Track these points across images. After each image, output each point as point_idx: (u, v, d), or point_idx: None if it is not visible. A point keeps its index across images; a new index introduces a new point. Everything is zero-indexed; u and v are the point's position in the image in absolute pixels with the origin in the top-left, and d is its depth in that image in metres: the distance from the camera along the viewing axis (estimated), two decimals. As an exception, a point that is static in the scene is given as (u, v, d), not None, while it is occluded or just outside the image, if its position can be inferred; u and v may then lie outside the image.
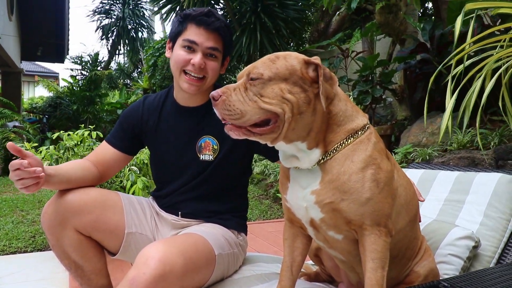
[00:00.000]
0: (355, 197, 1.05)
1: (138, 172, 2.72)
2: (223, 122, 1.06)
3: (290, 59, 1.05)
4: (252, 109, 1.01)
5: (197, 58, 1.43)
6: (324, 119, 1.07)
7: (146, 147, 1.70)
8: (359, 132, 1.09)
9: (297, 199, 1.13)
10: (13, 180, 1.23)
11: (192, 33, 1.45)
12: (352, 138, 1.08)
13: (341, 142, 1.08)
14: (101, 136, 2.98)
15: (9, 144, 1.20)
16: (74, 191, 1.40)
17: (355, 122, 1.10)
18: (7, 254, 2.90)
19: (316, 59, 1.05)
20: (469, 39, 2.33)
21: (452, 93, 2.35)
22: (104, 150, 1.60)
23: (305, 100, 1.03)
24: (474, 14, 2.31)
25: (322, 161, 1.08)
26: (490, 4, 2.31)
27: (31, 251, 2.96)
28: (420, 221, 1.36)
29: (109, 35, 12.09)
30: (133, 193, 2.50)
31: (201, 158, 1.52)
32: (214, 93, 1.04)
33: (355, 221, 1.07)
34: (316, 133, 1.07)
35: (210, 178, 1.53)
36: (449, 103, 2.28)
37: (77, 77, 10.93)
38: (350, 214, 1.06)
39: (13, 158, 1.27)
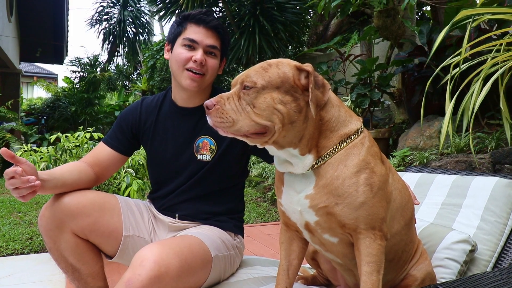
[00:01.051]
0: (349, 201, 1.05)
1: (134, 174, 2.72)
2: (214, 128, 1.07)
3: (282, 67, 1.05)
4: (244, 120, 1.02)
5: (198, 54, 1.46)
6: (317, 125, 1.08)
7: (141, 147, 1.71)
8: (352, 137, 1.10)
9: (292, 203, 1.14)
10: (9, 189, 1.22)
11: (192, 31, 1.48)
12: (345, 143, 1.09)
13: (334, 147, 1.08)
14: (102, 137, 2.99)
15: (2, 150, 1.19)
16: (71, 194, 1.40)
17: (348, 127, 1.10)
18: (3, 255, 2.89)
19: (307, 66, 1.05)
20: (464, 44, 2.34)
21: (451, 97, 2.36)
22: (101, 151, 1.60)
23: (296, 109, 1.03)
24: (470, 20, 2.32)
25: (315, 166, 1.08)
26: (485, 10, 2.32)
27: (28, 253, 2.95)
28: (415, 223, 1.36)
29: (109, 37, 12.08)
30: (128, 195, 2.51)
31: (198, 158, 1.53)
32: (208, 102, 1.05)
33: (350, 225, 1.07)
34: (308, 139, 1.07)
35: (207, 178, 1.53)
36: (449, 106, 2.28)
37: (75, 79, 10.93)
38: (344, 218, 1.07)
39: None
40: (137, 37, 12.41)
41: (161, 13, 7.37)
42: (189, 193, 1.55)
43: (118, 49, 12.38)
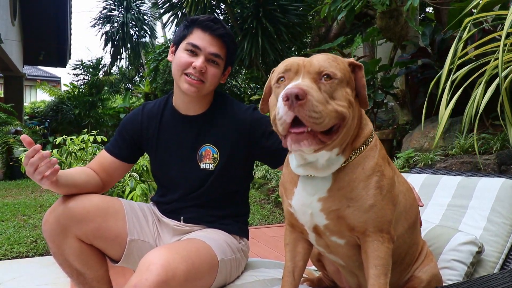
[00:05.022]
0: (360, 204, 1.04)
1: (139, 178, 2.71)
2: (293, 130, 0.89)
3: (343, 61, 1.01)
4: (330, 112, 0.90)
5: (198, 61, 1.43)
6: (358, 122, 1.06)
7: (145, 154, 1.70)
8: (370, 139, 1.08)
9: (303, 206, 1.11)
10: (30, 173, 1.25)
11: (197, 37, 1.45)
12: (365, 145, 1.07)
13: (360, 148, 1.06)
14: (105, 140, 2.99)
15: (23, 136, 1.24)
16: (75, 198, 1.39)
17: (368, 126, 1.08)
18: (8, 259, 2.90)
19: (355, 61, 1.04)
20: (459, 51, 2.34)
21: (450, 98, 2.36)
22: (104, 159, 1.60)
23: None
24: (471, 20, 2.32)
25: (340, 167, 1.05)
26: (488, 14, 2.32)
27: (33, 256, 2.96)
28: (421, 225, 1.35)
29: (112, 40, 12.13)
30: (131, 199, 2.50)
31: (201, 167, 1.52)
32: (299, 90, 0.85)
33: (359, 228, 1.07)
34: (351, 137, 1.04)
35: (211, 186, 1.52)
36: (445, 111, 2.28)
37: (78, 82, 10.97)
38: (354, 220, 1.06)
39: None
40: (140, 40, 12.45)
41: (164, 17, 7.39)
42: (193, 201, 1.54)
43: (121, 51, 12.42)
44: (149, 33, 12.69)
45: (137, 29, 12.39)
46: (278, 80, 0.99)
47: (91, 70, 10.86)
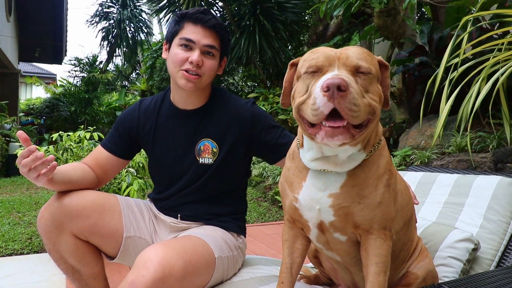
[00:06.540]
0: (369, 201, 1.04)
1: (135, 174, 2.71)
2: (330, 124, 0.86)
3: (375, 57, 1.01)
4: (366, 106, 0.89)
5: (194, 55, 1.41)
6: (378, 118, 1.04)
7: (142, 150, 1.69)
8: (381, 137, 1.09)
9: (311, 200, 1.08)
10: (24, 172, 1.22)
11: (189, 31, 1.44)
12: (379, 143, 1.07)
13: (376, 145, 1.06)
14: (102, 137, 2.98)
15: (19, 132, 1.22)
16: (71, 194, 1.38)
17: (380, 126, 1.09)
18: (3, 256, 2.88)
19: (383, 60, 1.04)
20: (463, 46, 2.34)
21: (449, 97, 2.37)
22: (100, 155, 1.58)
23: None
24: (470, 21, 2.32)
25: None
26: (486, 13, 2.33)
27: (28, 253, 2.94)
28: (416, 222, 1.36)
29: (108, 37, 12.07)
30: (127, 195, 2.50)
31: (200, 162, 1.51)
32: (342, 81, 0.83)
33: (364, 225, 1.06)
34: (372, 133, 1.04)
35: (209, 181, 1.51)
36: (444, 108, 2.29)
37: (75, 79, 10.93)
38: (361, 218, 1.05)
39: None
40: (136, 37, 12.39)
41: (161, 14, 7.36)
42: (191, 196, 1.54)
43: (117, 49, 12.36)
44: (145, 30, 12.63)
45: (133, 26, 12.32)
46: (310, 70, 0.94)
47: (87, 67, 10.82)
